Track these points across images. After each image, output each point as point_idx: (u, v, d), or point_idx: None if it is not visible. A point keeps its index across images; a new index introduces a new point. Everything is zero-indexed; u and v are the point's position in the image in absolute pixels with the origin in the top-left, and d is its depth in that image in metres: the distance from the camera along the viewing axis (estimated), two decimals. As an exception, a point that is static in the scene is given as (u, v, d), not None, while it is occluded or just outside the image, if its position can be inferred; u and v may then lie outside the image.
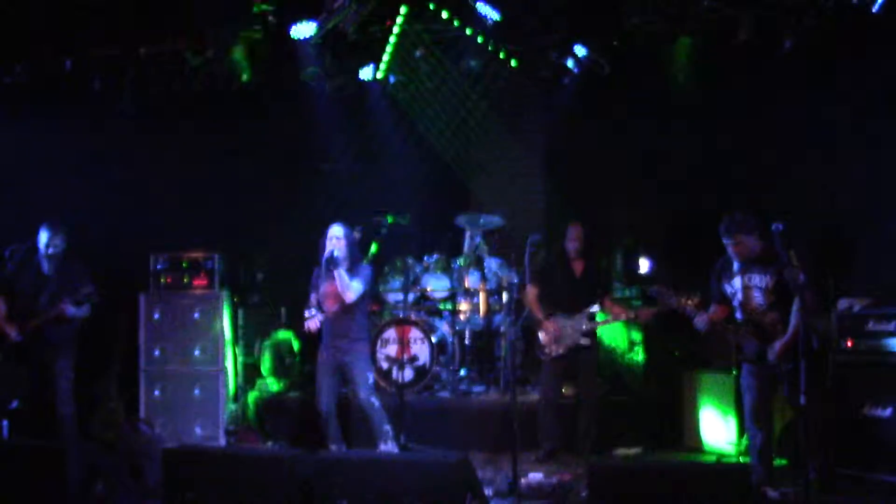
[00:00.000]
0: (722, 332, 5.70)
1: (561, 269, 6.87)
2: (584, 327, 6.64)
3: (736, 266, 5.60)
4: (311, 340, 8.16)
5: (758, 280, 5.53)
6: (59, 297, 6.44)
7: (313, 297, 6.34)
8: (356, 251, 6.42)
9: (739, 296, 5.59)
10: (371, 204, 8.66)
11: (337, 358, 6.28)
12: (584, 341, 6.64)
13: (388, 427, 6.31)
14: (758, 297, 5.52)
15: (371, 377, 6.41)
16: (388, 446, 6.26)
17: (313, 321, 6.23)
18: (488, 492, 5.49)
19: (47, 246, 6.55)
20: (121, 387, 7.20)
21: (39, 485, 5.02)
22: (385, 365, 7.26)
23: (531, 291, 6.90)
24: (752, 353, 5.52)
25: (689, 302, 5.61)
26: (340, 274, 6.12)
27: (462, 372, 7.85)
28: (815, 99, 7.22)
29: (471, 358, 8.03)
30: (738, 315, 5.64)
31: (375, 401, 6.31)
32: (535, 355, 7.08)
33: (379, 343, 7.42)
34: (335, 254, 6.10)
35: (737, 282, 5.60)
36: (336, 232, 6.28)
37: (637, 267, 7.85)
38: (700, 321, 5.60)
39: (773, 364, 5.41)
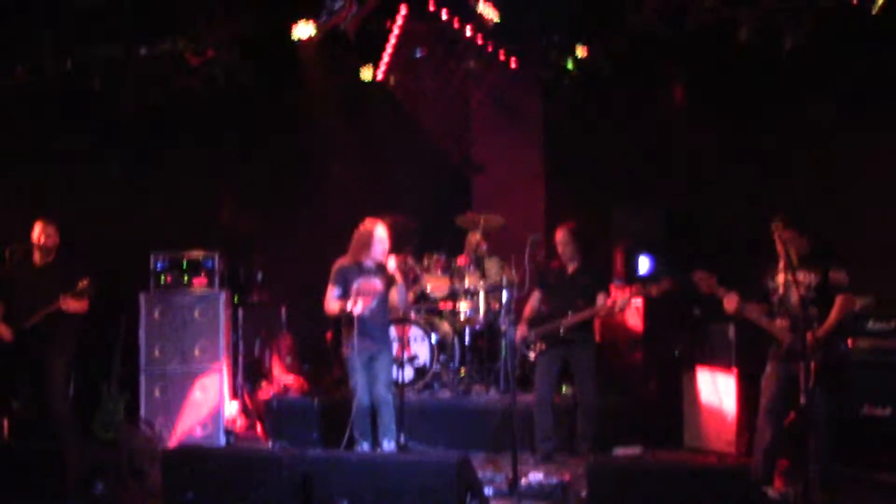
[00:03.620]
0: (755, 320, 5.65)
1: (555, 272, 6.91)
2: (562, 322, 6.66)
3: (781, 263, 5.58)
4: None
5: (802, 277, 5.52)
6: (55, 292, 6.44)
7: (338, 292, 6.31)
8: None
9: (781, 290, 5.56)
10: (371, 204, 8.67)
11: (370, 350, 6.30)
12: (568, 336, 6.63)
13: (394, 427, 6.32)
14: (798, 293, 5.49)
15: (394, 373, 6.50)
16: (390, 445, 6.28)
17: (358, 307, 6.21)
18: (488, 492, 5.49)
19: (38, 237, 6.58)
20: (121, 387, 7.20)
21: (39, 485, 5.01)
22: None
23: (533, 295, 6.99)
24: (781, 346, 5.50)
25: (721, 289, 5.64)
26: (403, 289, 6.37)
27: (462, 372, 7.85)
28: (815, 99, 7.22)
29: (471, 358, 8.03)
30: (776, 310, 5.63)
31: (391, 397, 6.35)
32: (522, 354, 7.11)
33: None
34: (393, 266, 6.33)
35: (780, 278, 5.58)
36: (383, 234, 6.35)
37: (637, 267, 7.85)
38: (730, 302, 5.58)
39: (800, 360, 5.36)
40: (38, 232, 6.59)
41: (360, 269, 6.34)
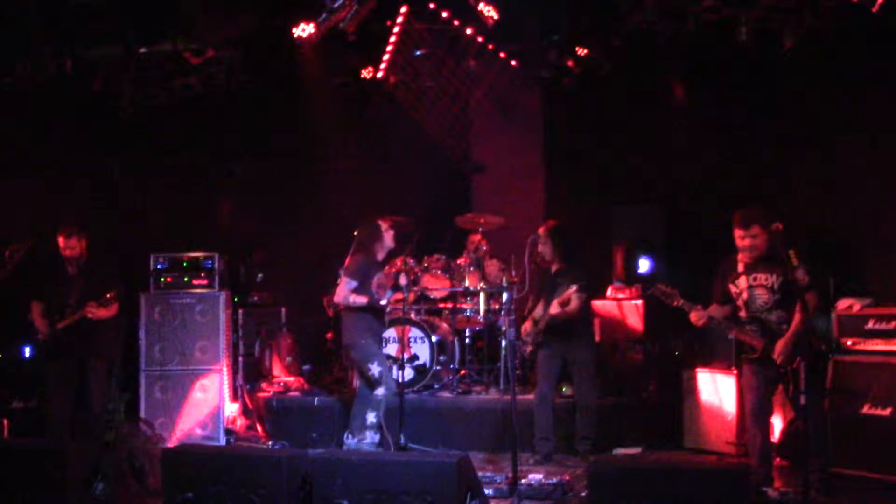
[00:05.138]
0: (725, 329, 5.69)
1: (542, 272, 6.91)
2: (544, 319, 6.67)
3: (741, 266, 5.57)
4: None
5: (763, 279, 5.49)
6: (84, 300, 6.45)
7: (354, 284, 6.42)
8: None
9: (745, 295, 5.54)
10: (371, 204, 8.68)
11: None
12: (559, 334, 6.65)
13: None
14: (763, 296, 5.48)
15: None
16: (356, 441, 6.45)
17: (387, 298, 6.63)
18: (488, 492, 5.49)
19: (63, 249, 6.59)
20: (121, 387, 7.20)
21: (39, 485, 5.01)
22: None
23: (531, 297, 6.98)
24: (755, 351, 5.49)
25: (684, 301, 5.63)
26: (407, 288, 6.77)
27: (462, 372, 7.85)
28: (815, 99, 7.22)
29: (471, 358, 8.03)
30: (743, 314, 5.61)
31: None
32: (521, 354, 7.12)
33: (379, 342, 7.44)
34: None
35: (742, 281, 5.55)
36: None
37: (637, 267, 7.86)
38: (697, 315, 5.60)
39: (776, 363, 5.38)
40: (62, 246, 6.59)
41: (378, 264, 6.66)
